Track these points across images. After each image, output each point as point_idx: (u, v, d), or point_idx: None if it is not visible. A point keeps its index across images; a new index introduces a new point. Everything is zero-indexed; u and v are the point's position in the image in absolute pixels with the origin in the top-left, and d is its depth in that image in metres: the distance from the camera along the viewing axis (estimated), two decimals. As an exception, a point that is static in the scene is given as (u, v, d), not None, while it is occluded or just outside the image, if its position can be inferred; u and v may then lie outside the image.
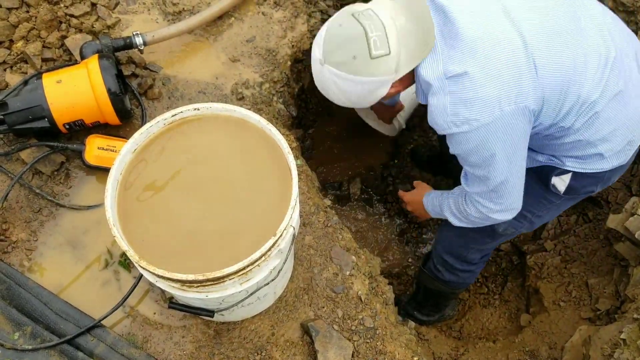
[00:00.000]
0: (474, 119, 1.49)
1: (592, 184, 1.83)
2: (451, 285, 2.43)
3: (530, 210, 1.98)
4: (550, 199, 1.93)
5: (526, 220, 2.03)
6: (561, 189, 1.85)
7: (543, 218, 2.05)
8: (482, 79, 1.45)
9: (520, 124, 1.52)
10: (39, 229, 1.96)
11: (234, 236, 1.48)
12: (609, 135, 1.66)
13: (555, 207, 1.98)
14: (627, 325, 2.03)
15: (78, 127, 1.99)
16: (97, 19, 2.25)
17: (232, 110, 1.58)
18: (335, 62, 1.51)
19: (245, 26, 2.34)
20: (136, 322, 1.85)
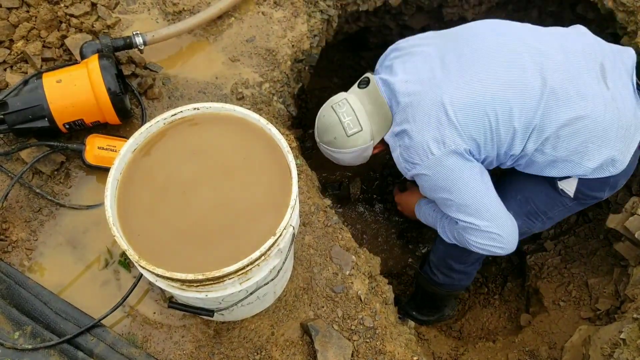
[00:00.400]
0: (417, 162, 1.86)
1: (599, 188, 1.95)
2: (446, 287, 2.45)
3: (544, 211, 2.09)
4: (563, 201, 2.04)
5: (538, 220, 2.13)
6: (570, 193, 1.97)
7: (554, 219, 2.15)
8: (413, 132, 1.84)
9: (458, 164, 1.81)
10: (39, 228, 1.96)
11: (233, 236, 1.48)
12: (579, 149, 1.81)
13: (567, 210, 2.08)
14: (627, 325, 2.03)
15: (78, 127, 1.99)
16: (97, 19, 2.25)
17: (231, 110, 1.58)
18: (325, 142, 2.06)
19: (245, 26, 2.34)
20: (136, 322, 1.85)
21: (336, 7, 2.56)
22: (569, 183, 1.96)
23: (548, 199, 2.04)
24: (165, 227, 1.48)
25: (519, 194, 2.09)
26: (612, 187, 1.97)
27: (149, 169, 1.54)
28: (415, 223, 3.27)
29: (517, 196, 2.09)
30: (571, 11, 2.92)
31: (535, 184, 2.04)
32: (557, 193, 2.02)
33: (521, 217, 2.09)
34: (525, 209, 2.08)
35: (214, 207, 1.52)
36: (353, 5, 2.68)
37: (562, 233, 2.75)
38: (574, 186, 1.95)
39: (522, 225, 2.10)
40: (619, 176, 1.91)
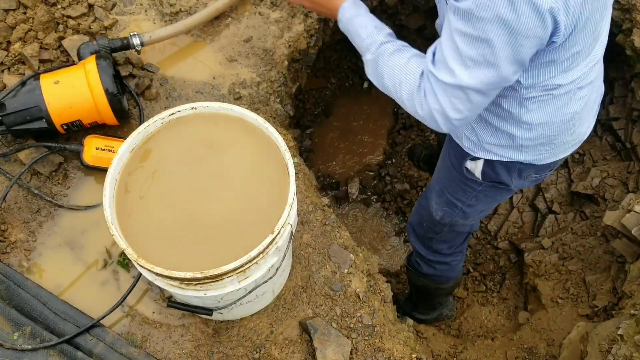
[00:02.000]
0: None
1: (505, 173, 1.80)
2: (431, 278, 2.46)
3: (458, 199, 2.01)
4: (472, 185, 1.92)
5: (457, 209, 2.05)
6: (477, 174, 1.86)
7: (475, 207, 2.03)
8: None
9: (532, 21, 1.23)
10: (37, 229, 1.96)
11: (232, 234, 1.49)
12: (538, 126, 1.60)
13: (481, 195, 1.95)
14: (624, 322, 2.04)
15: (76, 128, 2.00)
16: (94, 20, 2.25)
17: (229, 109, 1.58)
18: None
19: (242, 26, 2.35)
20: (135, 322, 1.85)
21: (333, 7, 2.57)
22: (475, 164, 1.82)
23: (457, 186, 1.97)
24: (163, 226, 1.49)
25: (437, 184, 2.08)
26: (518, 175, 1.79)
27: (146, 169, 1.55)
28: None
29: (436, 187, 2.09)
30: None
31: (448, 171, 1.99)
32: (465, 178, 1.91)
33: (442, 207, 2.08)
34: (443, 198, 2.06)
35: (212, 205, 1.52)
36: (349, 5, 2.69)
37: (560, 230, 2.77)
38: (480, 168, 1.82)
39: (444, 216, 2.10)
40: (527, 166, 1.76)
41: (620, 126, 2.74)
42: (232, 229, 1.49)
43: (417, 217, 2.33)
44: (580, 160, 2.87)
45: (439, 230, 2.22)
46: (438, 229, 2.21)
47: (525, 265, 2.76)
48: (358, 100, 3.55)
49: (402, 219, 3.33)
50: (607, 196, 2.65)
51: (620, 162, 2.73)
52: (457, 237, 2.27)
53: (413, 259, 2.47)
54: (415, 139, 3.47)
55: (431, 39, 1.51)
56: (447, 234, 2.25)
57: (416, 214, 2.34)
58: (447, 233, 2.24)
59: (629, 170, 2.64)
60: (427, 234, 2.29)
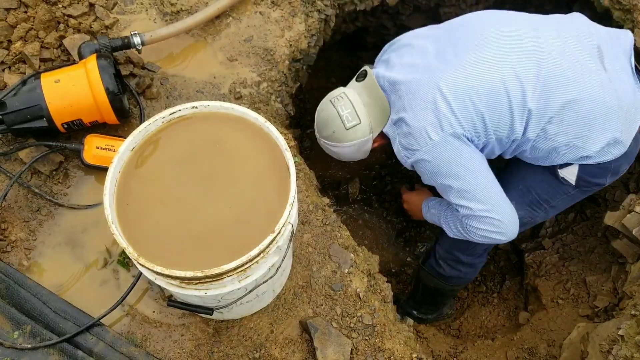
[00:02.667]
0: (416, 149, 1.84)
1: (601, 174, 1.94)
2: (451, 281, 2.44)
3: (547, 200, 2.08)
4: (565, 189, 2.03)
5: (541, 210, 2.12)
6: (571, 180, 1.96)
7: (557, 208, 2.14)
8: (411, 118, 1.83)
9: (457, 147, 1.80)
10: (37, 228, 1.96)
11: (232, 233, 1.48)
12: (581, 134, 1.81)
13: (569, 197, 2.07)
14: (625, 322, 2.03)
15: (76, 127, 2.00)
16: (95, 19, 2.25)
17: (229, 108, 1.58)
18: (324, 137, 2.07)
19: (242, 26, 2.35)
20: (135, 321, 1.85)
21: (334, 6, 2.57)
22: (569, 171, 1.95)
23: (550, 187, 2.04)
24: (163, 225, 1.49)
25: (521, 183, 2.09)
26: (614, 172, 1.96)
27: (147, 168, 1.55)
28: (413, 222, 3.28)
29: (518, 186, 2.09)
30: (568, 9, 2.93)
31: (536, 172, 2.04)
32: (558, 181, 2.01)
33: (523, 206, 2.09)
34: (527, 198, 2.08)
35: (212, 204, 1.52)
36: (350, 4, 2.69)
37: (560, 231, 2.76)
38: (574, 174, 1.94)
39: (524, 215, 2.11)
40: (620, 160, 1.89)
41: (621, 127, 2.74)
42: (232, 228, 1.49)
43: None
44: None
45: None
46: None
47: (525, 266, 2.76)
48: (359, 100, 3.54)
49: (402, 218, 3.32)
50: (608, 197, 2.65)
51: (621, 162, 2.72)
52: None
53: (433, 262, 2.44)
54: (416, 139, 3.46)
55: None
56: None
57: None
58: None
59: (630, 171, 2.63)
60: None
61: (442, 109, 1.77)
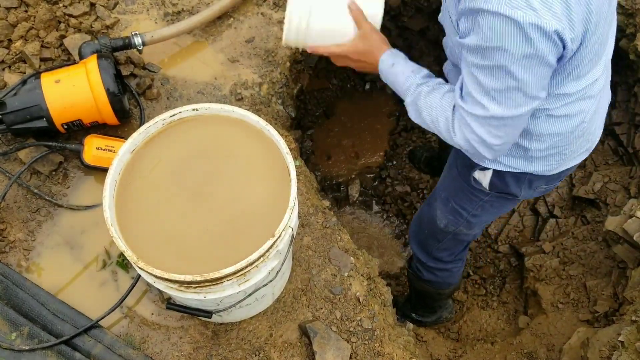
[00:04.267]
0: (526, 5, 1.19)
1: (513, 184, 1.79)
2: (432, 284, 2.46)
3: (464, 208, 1.99)
4: (478, 195, 1.91)
5: (462, 218, 2.03)
6: (485, 185, 1.84)
7: (480, 217, 2.02)
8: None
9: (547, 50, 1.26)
10: (36, 229, 1.95)
11: (232, 237, 1.48)
12: (548, 137, 1.59)
13: (487, 205, 1.94)
14: (625, 328, 2.03)
15: (76, 127, 1.99)
16: (95, 19, 2.24)
17: (230, 111, 1.57)
18: None
19: (244, 27, 2.34)
20: (134, 323, 1.85)
21: (335, 8, 2.56)
22: (484, 174, 1.80)
23: (464, 194, 1.95)
24: (163, 228, 1.48)
25: (444, 191, 2.05)
26: (528, 186, 1.78)
27: (147, 170, 1.54)
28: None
29: (441, 194, 2.06)
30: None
31: (454, 179, 1.96)
32: (472, 188, 1.88)
33: (446, 215, 2.06)
34: (448, 206, 2.03)
35: (212, 208, 1.51)
36: (352, 6, 2.68)
37: (561, 235, 2.76)
38: (488, 178, 1.80)
39: (448, 224, 2.07)
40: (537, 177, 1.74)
41: (623, 131, 2.73)
42: (232, 232, 1.48)
43: (418, 223, 2.30)
44: (581, 164, 2.86)
45: (441, 238, 2.20)
46: (440, 236, 2.18)
47: (525, 270, 2.75)
48: (359, 101, 3.54)
49: (402, 221, 3.32)
50: (609, 201, 2.64)
51: (622, 166, 2.71)
52: (458, 245, 2.26)
53: (414, 264, 2.46)
54: (416, 141, 3.46)
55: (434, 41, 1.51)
56: (449, 242, 2.22)
57: (418, 221, 2.31)
58: (449, 241, 2.22)
59: (631, 175, 2.62)
60: (428, 241, 2.26)
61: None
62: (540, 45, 1.22)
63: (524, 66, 1.26)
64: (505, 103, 1.35)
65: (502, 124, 1.40)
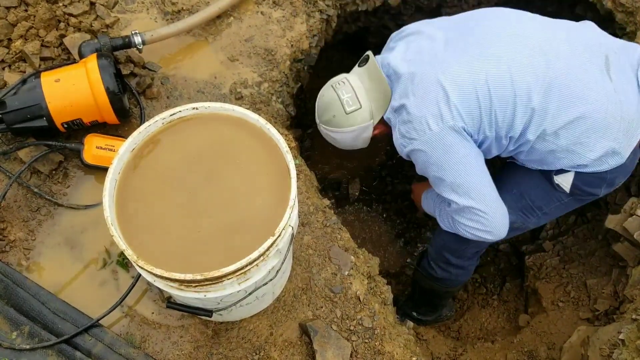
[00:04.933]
0: (414, 138, 1.82)
1: (596, 184, 1.91)
2: (444, 282, 2.45)
3: (540, 207, 2.06)
4: (559, 196, 2.01)
5: (534, 216, 2.10)
6: (566, 188, 1.94)
7: (550, 215, 2.12)
8: (412, 106, 1.80)
9: (455, 141, 1.78)
10: (37, 228, 1.95)
11: (232, 236, 1.48)
12: (580, 140, 1.80)
13: (563, 205, 2.05)
14: (626, 326, 2.03)
15: (76, 126, 1.99)
16: (95, 18, 2.24)
17: (230, 110, 1.57)
18: (324, 121, 2.04)
19: (244, 26, 2.34)
20: (134, 322, 1.85)
21: (335, 7, 2.56)
22: (565, 178, 1.94)
23: (544, 193, 2.02)
24: (163, 227, 1.48)
25: (515, 187, 2.08)
26: (609, 184, 1.94)
27: (147, 169, 1.54)
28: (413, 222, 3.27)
29: (512, 190, 2.08)
30: (570, 12, 2.92)
31: (531, 178, 2.03)
32: (553, 188, 2.00)
33: (516, 211, 2.07)
34: (520, 203, 2.06)
35: (212, 206, 1.51)
36: (352, 5, 2.68)
37: (561, 233, 2.75)
38: (570, 181, 1.93)
39: (516, 220, 2.09)
40: (616, 172, 1.88)
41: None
42: (232, 231, 1.48)
43: None
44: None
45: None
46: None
47: (526, 268, 2.75)
48: (360, 100, 3.53)
49: (402, 219, 3.32)
50: (609, 199, 2.64)
51: (623, 165, 2.71)
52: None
53: (426, 263, 2.44)
54: (417, 139, 3.45)
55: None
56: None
57: None
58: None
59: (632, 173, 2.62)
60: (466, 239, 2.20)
61: (445, 100, 1.76)
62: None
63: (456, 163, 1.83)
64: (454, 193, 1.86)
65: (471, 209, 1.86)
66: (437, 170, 1.85)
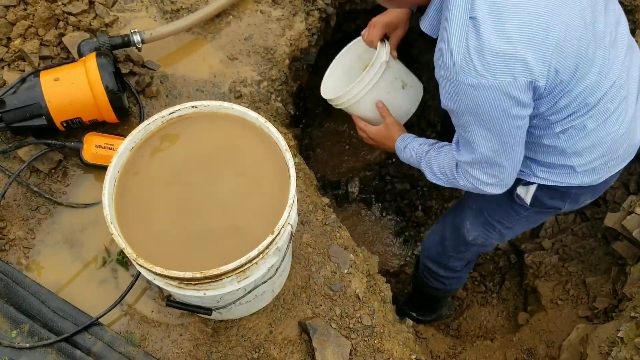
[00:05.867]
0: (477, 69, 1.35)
1: (558, 198, 1.78)
2: (440, 290, 2.46)
3: (499, 221, 1.98)
4: (517, 210, 1.90)
5: (495, 231, 2.02)
6: (527, 200, 1.81)
7: (513, 230, 2.03)
8: (494, 36, 1.32)
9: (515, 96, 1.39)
10: (36, 227, 1.95)
11: (232, 234, 1.48)
12: (586, 150, 1.61)
13: (524, 219, 1.94)
14: (625, 324, 2.03)
15: (76, 125, 1.99)
16: (94, 17, 2.24)
17: (229, 108, 1.57)
18: None
19: (243, 24, 2.34)
20: (134, 320, 1.85)
21: (334, 5, 2.56)
22: (527, 189, 1.78)
23: (500, 208, 1.92)
24: (163, 225, 1.48)
25: (474, 203, 2.01)
26: (573, 200, 1.79)
27: (146, 167, 1.54)
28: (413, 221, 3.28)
29: (472, 206, 2.02)
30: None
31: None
32: (512, 201, 1.85)
33: (477, 227, 2.03)
34: (480, 219, 2.00)
35: (212, 204, 1.52)
36: (351, 3, 2.68)
37: (560, 232, 2.76)
38: (531, 193, 1.78)
39: (478, 236, 2.05)
40: (585, 189, 1.74)
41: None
42: (232, 229, 1.48)
43: (439, 234, 2.23)
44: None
45: (464, 250, 2.16)
46: (464, 248, 2.14)
47: (525, 266, 2.76)
48: (359, 99, 3.54)
49: (402, 218, 3.32)
50: (608, 197, 2.64)
51: (622, 163, 2.71)
52: (475, 255, 2.24)
53: (422, 272, 2.44)
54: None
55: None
56: (470, 254, 2.20)
57: (439, 232, 2.24)
58: (470, 253, 2.19)
59: (630, 171, 2.62)
60: (446, 252, 2.21)
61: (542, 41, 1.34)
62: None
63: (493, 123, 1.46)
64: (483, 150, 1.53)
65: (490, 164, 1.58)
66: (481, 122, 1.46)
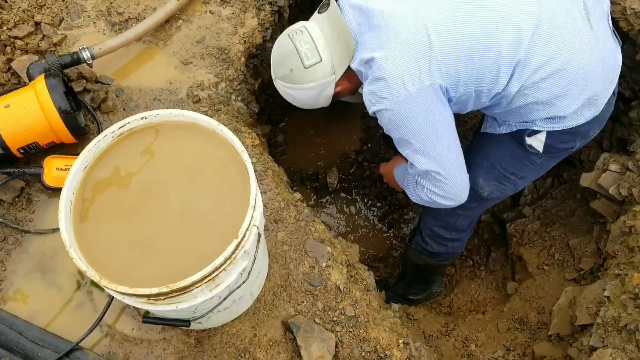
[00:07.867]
0: (384, 97, 1.65)
1: (569, 139, 1.84)
2: (439, 257, 2.44)
3: (513, 173, 2.01)
4: (531, 159, 1.94)
5: (510, 182, 2.05)
6: (539, 148, 1.86)
7: (527, 179, 2.07)
8: (387, 61, 1.61)
9: (431, 104, 1.64)
10: (6, 258, 1.92)
11: (197, 243, 1.45)
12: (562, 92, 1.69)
13: (538, 166, 1.99)
14: (610, 282, 2.02)
15: (33, 150, 1.95)
16: (42, 38, 2.19)
17: (180, 115, 1.54)
18: (280, 77, 1.88)
19: (193, 27, 2.29)
20: (115, 340, 1.82)
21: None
22: (536, 139, 1.85)
23: (515, 159, 1.96)
24: (125, 242, 1.45)
25: (485, 160, 2.03)
26: (583, 136, 1.87)
27: (103, 185, 1.51)
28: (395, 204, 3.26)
29: (483, 163, 2.03)
30: None
31: (500, 147, 1.96)
32: (525, 151, 1.91)
33: (491, 183, 2.04)
34: (493, 174, 2.02)
35: (174, 215, 1.48)
36: (303, -7, 2.64)
37: (540, 197, 2.75)
38: (542, 141, 1.84)
39: (493, 190, 2.06)
40: (591, 123, 1.80)
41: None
42: (197, 237, 1.45)
43: None
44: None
45: (476, 205, 2.15)
46: (476, 204, 2.13)
47: (508, 236, 2.75)
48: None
49: (384, 202, 3.30)
50: (583, 157, 2.64)
51: (593, 121, 2.70)
52: (482, 211, 2.25)
53: (419, 239, 2.41)
54: (389, 121, 3.43)
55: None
56: (479, 210, 2.21)
57: None
58: (480, 208, 2.20)
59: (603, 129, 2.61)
60: (455, 211, 2.17)
61: (425, 54, 1.57)
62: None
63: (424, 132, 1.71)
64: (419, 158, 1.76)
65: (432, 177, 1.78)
66: (405, 133, 1.70)
